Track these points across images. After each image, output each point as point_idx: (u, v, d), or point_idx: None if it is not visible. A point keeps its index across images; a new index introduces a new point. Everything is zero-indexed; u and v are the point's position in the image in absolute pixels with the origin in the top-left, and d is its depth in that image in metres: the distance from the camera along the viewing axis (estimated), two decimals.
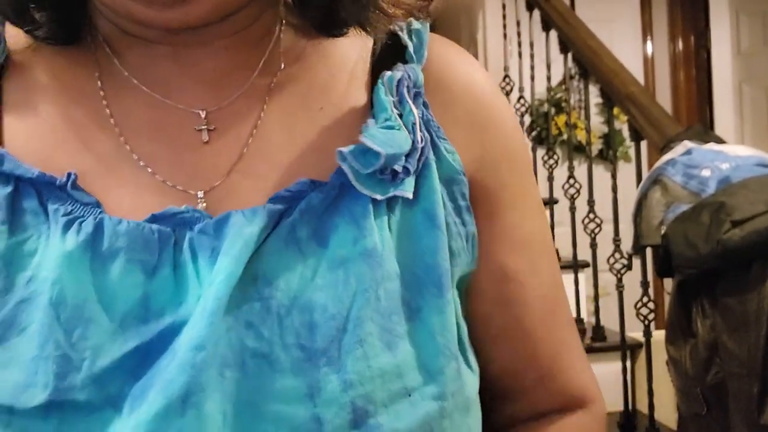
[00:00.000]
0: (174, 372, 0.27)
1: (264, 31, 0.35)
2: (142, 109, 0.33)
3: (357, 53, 0.36)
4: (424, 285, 0.31)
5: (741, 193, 0.98)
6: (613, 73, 1.69)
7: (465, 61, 0.39)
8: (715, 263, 0.96)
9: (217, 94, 0.33)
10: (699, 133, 1.23)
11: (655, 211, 1.11)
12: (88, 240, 0.29)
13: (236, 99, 0.33)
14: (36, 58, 0.34)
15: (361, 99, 0.34)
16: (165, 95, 0.33)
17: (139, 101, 0.33)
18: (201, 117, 0.33)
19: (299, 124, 0.33)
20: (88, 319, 0.28)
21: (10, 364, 0.27)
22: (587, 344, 1.88)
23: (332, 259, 0.30)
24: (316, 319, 0.29)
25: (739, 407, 0.94)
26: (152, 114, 0.33)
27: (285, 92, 0.34)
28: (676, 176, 1.10)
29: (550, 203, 2.17)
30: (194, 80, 0.33)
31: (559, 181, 2.08)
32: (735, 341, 0.93)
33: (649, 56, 3.58)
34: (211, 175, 0.32)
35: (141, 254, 0.29)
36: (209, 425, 0.27)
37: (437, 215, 0.32)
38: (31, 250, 0.29)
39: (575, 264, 2.03)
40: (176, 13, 0.29)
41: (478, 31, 2.83)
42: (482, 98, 0.37)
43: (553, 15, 2.02)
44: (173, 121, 0.33)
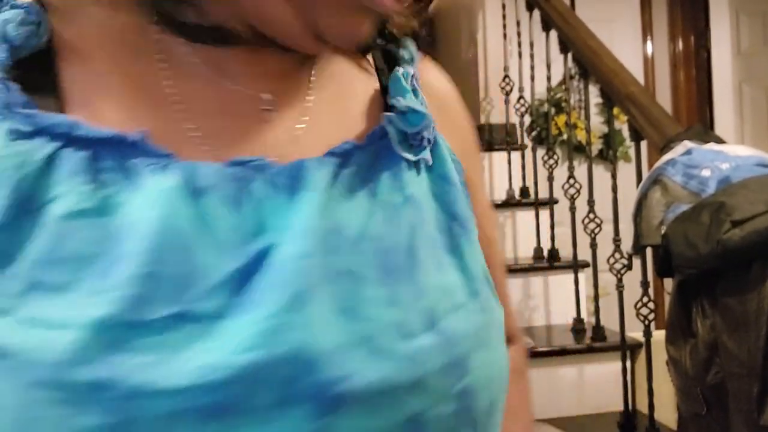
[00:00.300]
0: (286, 275, 0.31)
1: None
2: (208, 90, 0.37)
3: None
4: (455, 225, 0.39)
5: (741, 193, 0.98)
6: (613, 73, 1.69)
7: (437, 69, 0.50)
8: (715, 263, 0.96)
9: (276, 83, 0.39)
10: (699, 133, 1.23)
11: (655, 211, 1.11)
12: (179, 179, 0.32)
13: (289, 87, 0.40)
14: (92, 42, 0.36)
15: (376, 86, 0.43)
16: (233, 81, 0.37)
17: (206, 84, 0.37)
18: (264, 99, 0.38)
19: (336, 106, 0.41)
20: (191, 245, 0.31)
21: (121, 285, 0.30)
22: (587, 344, 1.88)
23: (384, 204, 0.37)
24: (385, 245, 0.35)
25: (739, 407, 0.94)
26: (217, 95, 0.37)
27: (323, 83, 0.42)
28: (676, 176, 1.10)
29: (550, 203, 2.17)
30: (260, 72, 0.38)
31: (559, 181, 2.08)
32: (735, 341, 0.93)
33: (649, 56, 3.58)
34: (273, 149, 0.36)
35: (229, 190, 0.33)
36: (322, 323, 0.31)
37: (452, 178, 0.41)
38: (121, 201, 0.32)
39: (575, 264, 2.03)
40: (362, 33, 0.37)
41: (477, 30, 2.83)
42: (455, 102, 0.49)
43: (553, 15, 2.03)
44: (238, 103, 0.37)
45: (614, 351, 1.80)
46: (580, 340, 1.93)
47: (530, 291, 2.14)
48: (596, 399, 1.84)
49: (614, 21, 3.44)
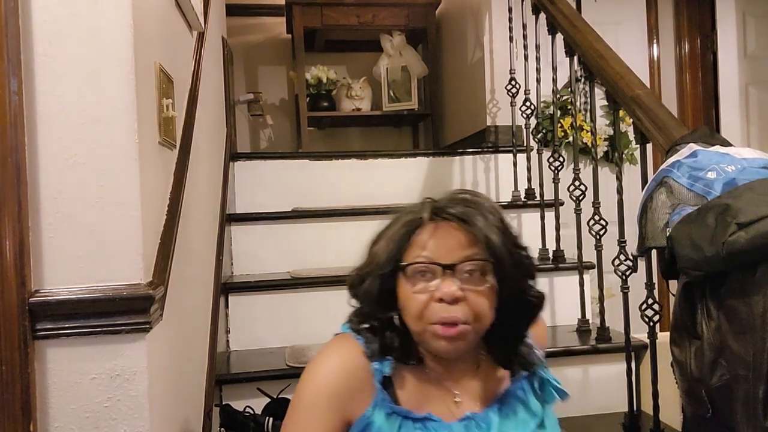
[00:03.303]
0: None
1: (475, 359, 1.00)
2: (437, 385, 0.98)
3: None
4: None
5: (746, 195, 0.98)
6: (618, 76, 1.69)
7: (543, 326, 1.10)
8: (720, 265, 0.96)
9: (463, 378, 1.00)
10: (705, 135, 1.23)
11: (660, 213, 1.12)
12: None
13: (470, 370, 1.00)
14: (406, 369, 0.97)
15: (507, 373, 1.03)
16: (451, 384, 0.99)
17: (438, 382, 0.98)
18: (456, 394, 0.98)
19: (492, 374, 1.01)
20: None
21: None
22: (592, 345, 1.88)
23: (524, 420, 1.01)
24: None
25: (744, 410, 0.94)
26: (441, 386, 0.99)
27: (487, 364, 1.02)
28: (682, 178, 1.10)
29: (556, 205, 2.18)
30: (453, 378, 0.99)
31: (564, 183, 2.09)
32: (740, 343, 0.94)
33: (655, 59, 3.57)
34: (464, 406, 0.98)
35: (461, 429, 0.96)
36: None
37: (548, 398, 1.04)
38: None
39: (580, 265, 2.04)
40: (453, 352, 0.93)
41: (484, 34, 2.84)
42: (545, 342, 1.11)
43: (559, 18, 2.03)
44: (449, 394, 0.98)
45: (619, 352, 1.80)
46: (584, 340, 1.93)
47: None
48: (601, 400, 1.84)
49: (620, 23, 3.44)
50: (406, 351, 0.95)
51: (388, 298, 0.95)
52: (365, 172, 2.60)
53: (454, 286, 0.90)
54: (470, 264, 0.91)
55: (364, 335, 0.97)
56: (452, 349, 0.92)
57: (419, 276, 0.92)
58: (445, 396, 0.97)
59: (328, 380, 0.93)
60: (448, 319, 0.90)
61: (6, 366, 0.88)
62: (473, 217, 0.93)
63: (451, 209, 0.94)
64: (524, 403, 0.98)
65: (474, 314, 0.91)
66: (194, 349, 1.44)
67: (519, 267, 0.95)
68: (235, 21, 3.41)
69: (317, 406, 0.93)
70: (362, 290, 0.98)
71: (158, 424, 1.01)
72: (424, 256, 0.92)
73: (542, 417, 0.99)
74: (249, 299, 1.99)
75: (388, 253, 0.95)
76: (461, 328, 0.90)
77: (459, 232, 0.93)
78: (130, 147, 0.96)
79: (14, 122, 0.89)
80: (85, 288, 0.93)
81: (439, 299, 0.90)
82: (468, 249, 0.92)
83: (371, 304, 0.97)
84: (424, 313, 0.91)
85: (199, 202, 1.61)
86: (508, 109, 2.59)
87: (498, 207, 0.97)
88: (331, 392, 0.93)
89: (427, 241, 0.93)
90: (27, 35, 0.91)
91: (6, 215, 0.88)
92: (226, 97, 2.57)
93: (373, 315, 0.98)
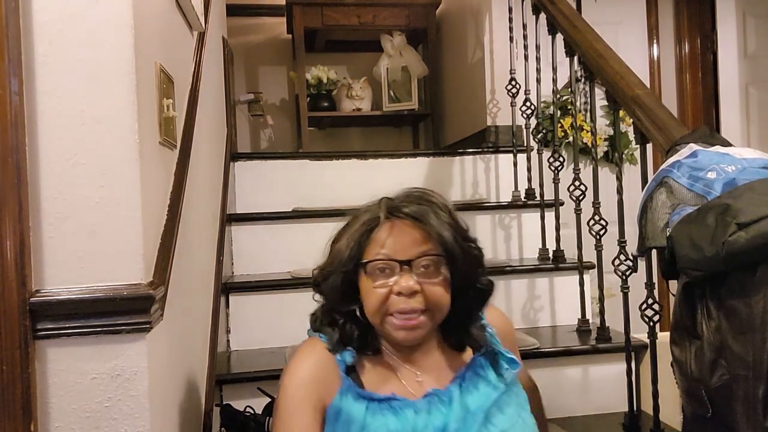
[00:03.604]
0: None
1: (434, 343, 1.10)
2: (398, 369, 1.08)
3: None
4: (504, 390, 1.12)
5: (747, 195, 0.98)
6: (618, 76, 1.69)
7: (494, 311, 1.17)
8: (720, 265, 0.96)
9: (423, 360, 1.08)
10: (705, 135, 1.23)
11: (660, 213, 1.12)
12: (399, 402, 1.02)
13: (430, 354, 1.09)
14: (366, 358, 1.07)
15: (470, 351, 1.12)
16: (412, 367, 1.08)
17: (400, 366, 1.08)
18: (418, 374, 1.07)
19: (450, 363, 1.10)
20: (415, 426, 1.01)
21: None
22: (592, 345, 1.88)
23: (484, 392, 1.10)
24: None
25: (744, 410, 0.94)
26: (403, 369, 1.08)
27: (445, 348, 1.11)
28: (682, 178, 1.10)
29: (556, 205, 2.18)
30: (414, 360, 1.08)
31: (564, 183, 2.09)
32: (740, 343, 0.94)
33: (655, 59, 3.57)
34: (426, 384, 1.06)
35: (424, 405, 1.02)
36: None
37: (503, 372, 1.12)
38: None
39: (580, 265, 2.04)
40: (412, 340, 1.04)
41: (484, 34, 2.84)
42: (502, 325, 1.16)
43: (559, 18, 2.03)
44: (413, 375, 1.07)
45: (619, 352, 1.80)
46: (585, 340, 1.93)
47: (535, 292, 2.15)
48: (601, 399, 1.84)
49: (620, 23, 3.44)
50: (364, 342, 1.05)
51: (350, 293, 1.05)
52: (366, 172, 2.60)
53: (411, 281, 1.00)
54: (425, 259, 1.01)
55: (325, 332, 1.07)
56: (411, 337, 1.02)
57: (379, 272, 1.02)
58: (407, 378, 1.06)
59: (298, 377, 1.03)
60: (406, 310, 1.00)
61: (7, 366, 0.88)
62: (426, 216, 1.02)
63: (405, 208, 1.03)
64: (484, 378, 1.06)
65: (430, 304, 1.01)
66: (194, 349, 1.44)
67: (469, 259, 1.05)
68: (236, 21, 3.41)
69: (294, 402, 1.01)
70: (326, 286, 1.07)
71: (158, 424, 1.01)
72: (383, 254, 1.02)
73: (504, 390, 1.05)
74: (249, 299, 1.99)
75: (350, 251, 1.04)
76: (419, 319, 1.01)
77: (414, 229, 1.02)
78: (131, 147, 0.96)
79: (15, 122, 0.89)
80: (85, 288, 0.93)
81: (398, 293, 1.00)
82: (423, 245, 1.01)
83: (334, 298, 1.06)
84: (384, 306, 1.01)
85: (199, 202, 1.61)
86: (508, 109, 2.59)
87: (449, 204, 1.07)
88: (303, 387, 1.02)
89: (385, 239, 1.02)
90: (28, 35, 0.92)
91: (6, 215, 0.88)
92: (227, 97, 2.57)
93: (335, 309, 1.07)
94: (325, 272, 1.07)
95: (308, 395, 1.01)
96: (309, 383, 1.02)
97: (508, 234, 2.41)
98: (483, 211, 2.41)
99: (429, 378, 1.06)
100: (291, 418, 1.01)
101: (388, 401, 1.01)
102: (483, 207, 2.43)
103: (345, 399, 1.01)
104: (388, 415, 0.99)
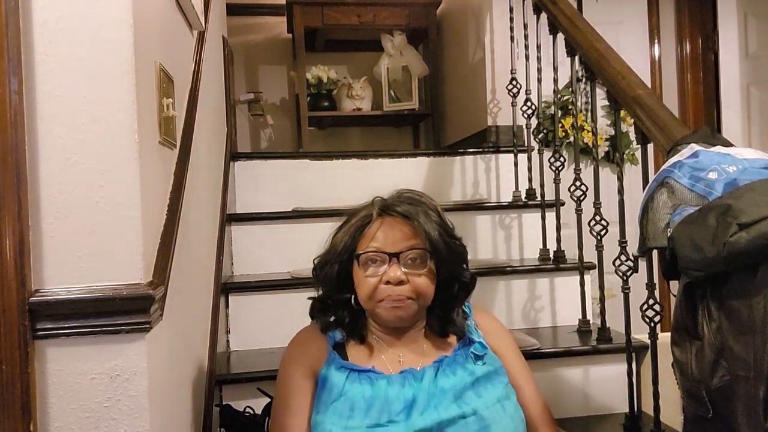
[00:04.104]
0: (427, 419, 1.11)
1: (418, 333, 1.23)
2: (383, 352, 1.21)
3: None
4: (489, 377, 1.24)
5: (748, 196, 0.98)
6: (620, 76, 1.69)
7: (483, 313, 1.32)
8: (721, 266, 0.96)
9: (407, 346, 1.22)
10: (706, 135, 1.23)
11: (661, 213, 1.11)
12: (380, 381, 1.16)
13: (414, 345, 1.23)
14: (354, 340, 1.22)
15: (455, 340, 1.25)
16: (399, 351, 1.21)
17: (385, 351, 1.22)
18: (400, 355, 1.21)
19: (437, 349, 1.22)
20: (388, 400, 1.14)
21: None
22: (593, 346, 1.88)
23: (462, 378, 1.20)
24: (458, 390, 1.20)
25: (745, 411, 0.93)
26: (387, 353, 1.21)
27: (429, 340, 1.24)
28: (683, 179, 1.09)
29: (557, 205, 2.18)
30: (398, 344, 1.22)
31: (565, 183, 2.09)
32: (741, 344, 0.93)
33: (656, 59, 3.57)
34: (400, 368, 1.19)
35: (411, 381, 1.17)
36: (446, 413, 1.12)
37: (492, 363, 1.26)
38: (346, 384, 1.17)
39: (581, 266, 2.03)
40: (399, 320, 1.18)
41: (485, 34, 2.84)
42: (493, 326, 1.29)
43: (560, 18, 2.03)
44: (395, 355, 1.21)
45: (620, 353, 1.80)
46: (585, 341, 1.93)
47: (536, 292, 2.15)
48: (601, 400, 1.84)
49: (621, 23, 3.44)
50: (353, 328, 1.20)
51: (345, 282, 1.19)
52: (366, 172, 2.59)
53: (398, 271, 1.13)
54: (412, 253, 1.15)
55: (318, 316, 1.24)
56: (398, 316, 1.16)
57: (370, 263, 1.15)
58: (390, 358, 1.20)
59: (291, 353, 1.23)
60: (393, 296, 1.14)
61: (6, 366, 0.88)
62: (416, 214, 1.16)
63: (397, 207, 1.17)
64: (462, 366, 1.17)
65: (415, 293, 1.15)
66: (194, 349, 1.44)
67: (453, 254, 1.19)
68: (236, 20, 3.41)
69: (288, 370, 1.21)
70: (323, 273, 1.21)
71: (158, 424, 1.01)
72: (374, 246, 1.15)
73: (483, 376, 1.17)
74: (249, 299, 1.99)
75: (344, 243, 1.18)
76: (406, 302, 1.15)
77: (403, 226, 1.16)
78: (131, 146, 0.96)
79: (14, 121, 0.89)
80: (85, 288, 0.93)
81: (387, 282, 1.14)
82: (410, 240, 1.15)
83: (330, 286, 1.21)
84: (374, 294, 1.15)
85: (199, 202, 1.61)
86: (509, 109, 2.59)
87: (437, 205, 1.21)
88: (295, 360, 1.21)
89: (376, 234, 1.16)
90: (27, 35, 0.91)
91: (6, 215, 0.88)
92: (227, 96, 2.57)
93: (331, 296, 1.22)
94: (323, 261, 1.22)
95: (300, 364, 1.19)
96: (300, 354, 1.21)
97: (509, 234, 2.41)
98: (483, 211, 2.40)
99: (410, 359, 1.19)
100: (288, 382, 1.19)
101: (366, 372, 1.15)
102: (483, 207, 2.43)
103: (330, 369, 1.17)
104: (365, 384, 1.13)
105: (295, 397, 1.17)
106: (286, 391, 1.19)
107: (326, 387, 1.15)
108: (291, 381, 1.19)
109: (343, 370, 1.16)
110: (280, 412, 1.19)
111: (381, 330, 1.21)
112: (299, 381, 1.18)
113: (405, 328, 1.21)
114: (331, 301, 1.22)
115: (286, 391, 1.19)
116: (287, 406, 1.18)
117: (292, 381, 1.19)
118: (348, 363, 1.17)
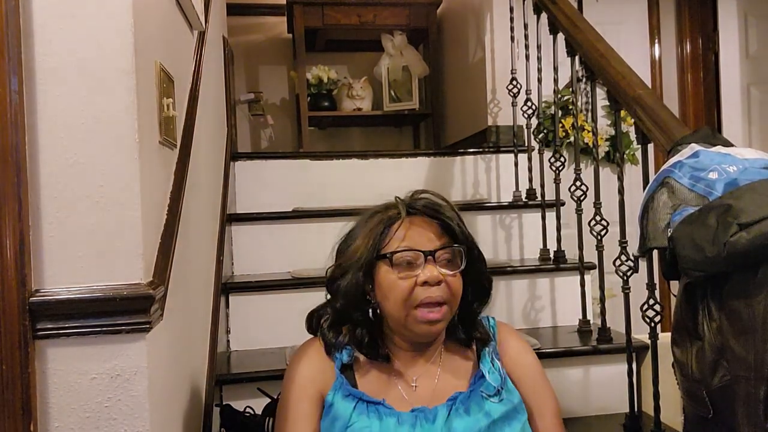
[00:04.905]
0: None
1: (438, 345, 1.14)
2: (396, 377, 1.11)
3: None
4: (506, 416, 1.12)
5: (748, 196, 0.98)
6: (620, 76, 1.69)
7: (508, 332, 1.21)
8: (721, 266, 0.96)
9: (425, 366, 1.14)
10: (706, 135, 1.23)
11: (661, 213, 1.11)
12: (394, 418, 1.06)
13: (430, 369, 1.13)
14: (362, 360, 1.11)
15: (474, 361, 1.14)
16: (414, 372, 1.13)
17: (398, 375, 1.12)
18: (413, 380, 1.11)
19: (452, 376, 1.12)
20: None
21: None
22: (593, 346, 1.88)
23: (477, 419, 1.08)
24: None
25: (745, 411, 0.94)
26: (400, 379, 1.11)
27: (446, 364, 1.13)
28: (683, 179, 1.10)
29: (557, 205, 2.18)
30: (413, 366, 1.13)
31: (565, 183, 2.09)
32: (742, 344, 0.93)
33: (656, 59, 3.57)
34: (423, 402, 1.09)
35: (412, 420, 1.05)
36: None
37: (512, 401, 1.13)
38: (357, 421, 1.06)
39: (581, 266, 2.03)
40: (432, 334, 1.09)
41: (485, 33, 2.84)
42: (517, 351, 1.18)
43: (561, 18, 2.03)
44: (406, 381, 1.12)
45: (620, 353, 1.80)
46: (586, 341, 1.93)
47: (536, 292, 2.15)
48: (602, 400, 1.84)
49: (622, 23, 3.44)
50: (374, 347, 1.09)
51: (362, 296, 1.09)
52: (366, 172, 2.59)
53: (436, 270, 1.05)
54: (448, 251, 1.07)
55: (322, 333, 1.13)
56: (432, 331, 1.07)
57: (404, 264, 1.06)
58: (404, 386, 1.10)
59: (297, 374, 1.10)
60: (432, 299, 1.04)
61: (6, 365, 0.88)
62: (443, 211, 1.09)
63: (423, 205, 1.10)
64: (478, 404, 1.07)
65: (452, 295, 1.06)
66: (194, 349, 1.44)
67: (480, 253, 1.12)
68: (236, 20, 3.41)
69: (294, 394, 1.09)
70: (341, 286, 1.09)
71: (158, 424, 1.01)
72: (406, 245, 1.06)
73: (495, 419, 1.06)
74: (249, 299, 1.99)
75: (367, 247, 1.07)
76: (443, 309, 1.05)
77: (431, 224, 1.09)
78: (131, 146, 0.96)
79: (14, 121, 0.89)
80: (85, 287, 0.93)
81: (424, 282, 1.04)
82: (441, 239, 1.08)
83: (349, 299, 1.08)
84: (410, 298, 1.04)
85: (199, 202, 1.61)
86: (509, 109, 2.59)
87: (453, 205, 1.14)
88: (302, 386, 1.09)
89: (405, 233, 1.07)
90: (27, 34, 0.91)
91: (6, 214, 0.88)
92: (227, 96, 2.57)
93: (348, 311, 1.09)
94: (340, 272, 1.10)
95: (307, 388, 1.09)
96: (308, 377, 1.09)
97: (509, 234, 2.41)
98: (484, 212, 2.40)
99: (424, 385, 1.10)
100: (293, 408, 1.08)
101: (376, 405, 1.06)
102: (484, 207, 2.43)
103: (336, 395, 1.07)
104: (373, 419, 1.04)
105: (298, 425, 1.07)
106: (293, 417, 1.08)
107: (330, 415, 1.06)
108: (298, 408, 1.08)
109: (351, 399, 1.06)
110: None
111: (399, 347, 1.11)
112: (306, 409, 1.08)
113: (426, 344, 1.12)
114: (348, 318, 1.10)
115: (292, 416, 1.08)
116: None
117: (298, 409, 1.08)
118: (357, 391, 1.07)
